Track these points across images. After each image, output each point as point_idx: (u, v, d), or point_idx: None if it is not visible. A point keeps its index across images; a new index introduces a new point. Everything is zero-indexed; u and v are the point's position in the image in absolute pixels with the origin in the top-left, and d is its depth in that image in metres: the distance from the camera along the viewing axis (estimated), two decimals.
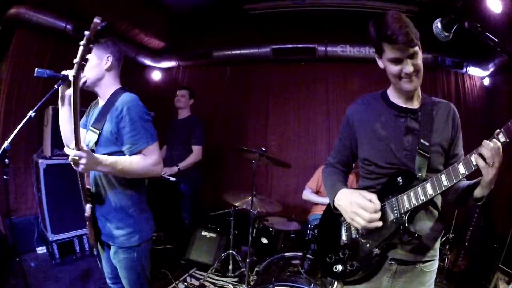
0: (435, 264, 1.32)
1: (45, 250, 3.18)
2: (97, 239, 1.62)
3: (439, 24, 1.11)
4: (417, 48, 1.18)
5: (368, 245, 1.26)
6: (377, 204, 1.19)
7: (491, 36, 1.04)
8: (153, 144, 1.55)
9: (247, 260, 2.66)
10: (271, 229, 2.92)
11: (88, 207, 1.54)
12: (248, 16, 4.12)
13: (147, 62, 4.72)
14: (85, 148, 1.34)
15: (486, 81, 4.01)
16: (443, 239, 3.17)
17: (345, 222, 1.37)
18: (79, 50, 1.19)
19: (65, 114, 1.61)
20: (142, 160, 1.51)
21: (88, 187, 1.59)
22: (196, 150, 3.46)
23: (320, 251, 1.45)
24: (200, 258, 3.26)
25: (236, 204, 2.87)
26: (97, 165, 1.40)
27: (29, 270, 2.77)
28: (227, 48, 4.44)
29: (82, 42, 1.19)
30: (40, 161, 2.97)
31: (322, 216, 1.55)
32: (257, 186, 3.51)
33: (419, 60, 1.20)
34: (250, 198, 2.83)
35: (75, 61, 1.19)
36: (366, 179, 1.38)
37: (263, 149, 2.81)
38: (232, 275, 3.07)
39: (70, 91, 1.61)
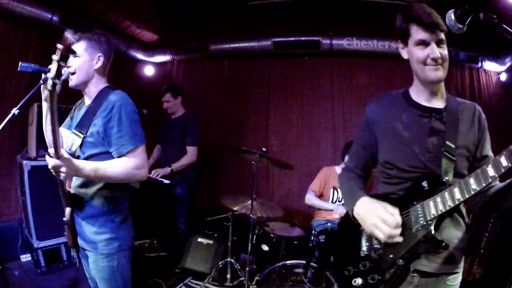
0: (459, 278, 1.32)
1: (29, 258, 3.18)
2: (75, 244, 1.64)
3: (452, 16, 1.12)
4: (443, 37, 1.21)
5: (391, 256, 1.25)
6: (399, 219, 1.19)
7: (508, 28, 1.04)
8: (140, 146, 1.57)
9: (247, 268, 2.66)
10: (272, 235, 2.92)
11: (67, 210, 1.56)
12: (248, 7, 4.12)
13: (139, 56, 4.72)
14: (65, 155, 1.36)
15: (503, 77, 4.01)
16: None
17: (365, 232, 1.36)
18: (53, 66, 1.21)
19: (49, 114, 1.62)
20: (125, 164, 1.53)
21: (68, 189, 1.61)
22: (191, 151, 3.47)
23: (337, 263, 1.46)
24: (196, 266, 3.26)
25: (235, 209, 2.87)
26: (78, 172, 1.44)
27: (12, 279, 2.77)
28: (225, 41, 4.43)
29: (55, 57, 1.21)
30: (24, 162, 2.97)
31: (339, 225, 1.57)
32: (257, 189, 3.52)
33: (445, 51, 1.22)
34: (249, 202, 2.83)
35: (49, 75, 1.20)
36: (387, 184, 1.37)
37: (264, 149, 2.82)
38: (231, 284, 3.07)
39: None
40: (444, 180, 1.21)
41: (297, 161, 4.25)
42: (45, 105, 1.62)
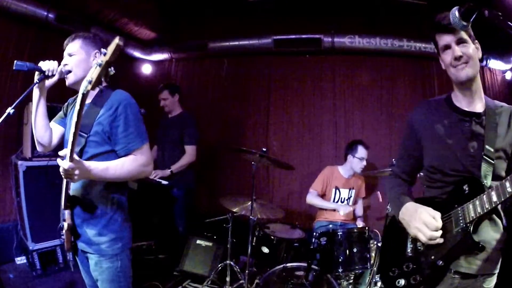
0: (495, 279, 1.37)
1: (25, 260, 3.18)
2: (74, 247, 1.64)
3: (456, 13, 1.12)
4: (464, 36, 1.29)
5: (432, 257, 1.33)
6: (439, 222, 1.28)
7: None
8: (146, 144, 1.62)
9: (246, 271, 2.67)
10: (272, 237, 2.92)
11: (67, 213, 1.56)
12: (248, 4, 4.12)
13: (137, 54, 4.72)
14: (77, 158, 1.39)
15: (508, 75, 4.01)
16: None
17: (410, 235, 1.43)
18: (96, 71, 1.25)
19: (42, 109, 1.67)
20: (134, 161, 1.57)
21: (68, 192, 1.60)
22: (190, 150, 3.46)
23: (383, 265, 1.56)
24: (194, 269, 3.26)
25: (234, 210, 2.87)
26: (89, 173, 1.45)
27: (7, 282, 2.77)
28: (225, 39, 4.43)
29: (100, 62, 1.24)
30: (19, 162, 2.97)
31: (385, 228, 1.65)
32: (257, 190, 3.52)
33: (470, 50, 1.30)
34: (249, 203, 2.83)
35: (88, 79, 1.25)
36: (431, 188, 1.46)
37: (264, 149, 2.82)
38: (230, 287, 3.08)
39: (49, 83, 1.66)
40: (483, 183, 1.27)
41: (298, 161, 4.26)
42: (35, 100, 1.66)
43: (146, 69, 4.91)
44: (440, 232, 1.27)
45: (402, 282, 1.38)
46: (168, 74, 4.96)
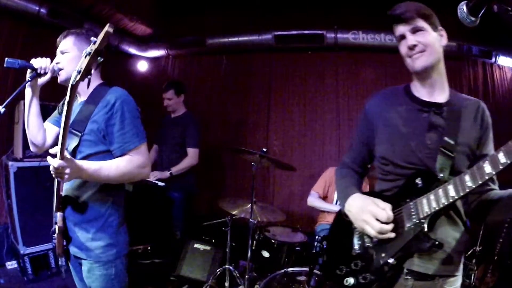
0: (458, 282, 1.33)
1: (16, 265, 3.18)
2: (66, 252, 1.63)
3: (464, 8, 1.12)
4: (420, 23, 1.28)
5: (383, 255, 1.28)
6: (390, 214, 1.23)
7: None
8: (144, 144, 1.60)
9: (246, 276, 2.66)
10: (273, 241, 2.92)
11: (59, 215, 1.54)
12: None
13: (132, 51, 4.72)
14: (68, 156, 1.36)
15: None
16: (469, 252, 3.16)
17: (357, 230, 1.39)
18: (85, 60, 1.23)
19: (34, 108, 1.66)
20: (129, 162, 1.55)
21: (61, 193, 1.59)
22: (192, 153, 3.46)
23: (330, 262, 1.49)
24: (192, 274, 3.26)
25: (234, 213, 2.87)
26: (81, 173, 1.43)
27: None
28: (223, 35, 4.43)
29: (89, 51, 1.23)
30: (10, 163, 2.97)
31: (332, 224, 1.58)
32: (257, 192, 3.52)
33: (429, 38, 1.28)
34: (249, 205, 2.83)
35: (78, 68, 1.24)
36: (383, 181, 1.41)
37: (264, 150, 2.82)
38: None
39: (41, 81, 1.66)
40: (439, 177, 1.23)
41: (299, 162, 4.26)
42: (27, 99, 1.65)
43: (142, 66, 4.91)
44: (392, 225, 1.22)
45: (351, 281, 1.33)
46: (164, 72, 4.96)
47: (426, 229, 1.19)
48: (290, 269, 2.60)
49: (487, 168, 1.06)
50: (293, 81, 4.52)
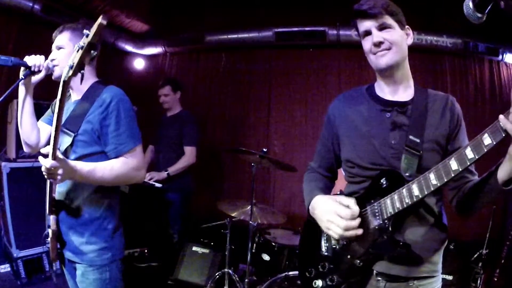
0: (437, 283, 1.32)
1: (9, 268, 3.18)
2: (60, 257, 1.62)
3: (470, 4, 1.12)
4: (388, 21, 1.28)
5: (349, 256, 1.29)
6: (355, 209, 1.23)
7: None
8: (139, 146, 1.60)
9: (246, 280, 2.67)
10: (273, 243, 2.92)
11: (52, 218, 1.53)
12: None
13: (128, 48, 4.72)
14: (60, 156, 1.35)
15: None
16: (476, 255, 3.17)
17: (324, 232, 1.40)
18: (78, 54, 1.21)
19: (28, 107, 1.65)
20: (124, 164, 1.54)
21: (53, 195, 1.58)
22: (189, 151, 3.46)
23: (300, 265, 1.50)
24: (190, 277, 3.26)
25: (233, 215, 2.87)
26: (74, 174, 1.42)
27: None
28: (222, 32, 4.43)
29: (81, 44, 1.21)
30: (3, 164, 2.97)
31: (303, 227, 1.59)
32: (257, 193, 3.52)
33: (395, 36, 1.28)
34: (249, 207, 2.83)
35: (70, 63, 1.22)
36: (350, 184, 1.44)
37: (264, 150, 2.82)
38: None
39: (35, 79, 1.64)
40: (404, 176, 1.23)
41: (301, 162, 4.24)
42: (21, 97, 1.64)
43: (139, 64, 4.91)
44: (358, 219, 1.22)
45: (319, 283, 1.34)
46: (161, 69, 4.96)
47: (390, 230, 1.19)
48: (291, 273, 2.60)
49: (453, 164, 1.05)
50: (294, 79, 4.51)
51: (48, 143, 1.71)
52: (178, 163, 3.41)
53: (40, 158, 1.34)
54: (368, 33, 1.31)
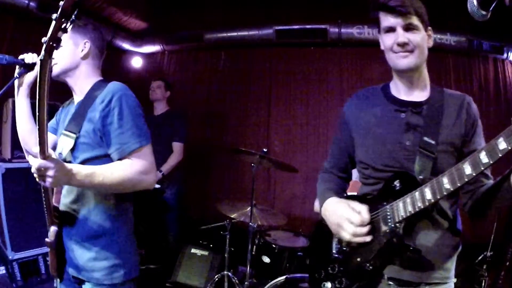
0: None
1: (4, 271, 3.17)
2: (60, 270, 1.50)
3: (474, 1, 1.11)
4: (415, 21, 1.25)
5: (358, 259, 1.29)
6: (365, 217, 1.23)
7: None
8: (146, 146, 1.44)
9: (246, 282, 2.66)
10: (274, 245, 2.92)
11: (52, 230, 1.42)
12: None
13: (126, 46, 4.72)
14: (53, 155, 1.23)
15: None
16: (480, 257, 3.16)
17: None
18: (51, 26, 1.10)
19: (24, 109, 1.58)
20: (129, 167, 1.38)
21: (55, 204, 1.48)
22: (178, 147, 3.53)
23: (310, 266, 1.51)
24: (189, 280, 3.26)
25: (233, 216, 2.87)
26: (70, 177, 1.28)
27: None
28: (222, 30, 4.43)
29: (54, 16, 1.09)
30: None
31: (315, 228, 1.59)
32: (257, 194, 3.51)
33: (419, 38, 1.26)
34: (249, 208, 2.83)
35: (44, 40, 1.10)
36: (364, 185, 1.44)
37: (265, 150, 2.82)
38: None
39: (30, 78, 1.56)
40: (418, 178, 1.22)
41: (302, 163, 4.25)
42: (16, 97, 1.59)
43: (136, 62, 4.91)
44: (367, 227, 1.22)
45: (328, 285, 1.35)
46: (160, 68, 4.96)
47: (401, 234, 1.18)
48: (292, 276, 2.59)
49: (467, 169, 1.04)
50: (295, 78, 4.51)
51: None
52: (169, 162, 3.46)
53: (30, 157, 1.24)
54: (392, 29, 1.28)
